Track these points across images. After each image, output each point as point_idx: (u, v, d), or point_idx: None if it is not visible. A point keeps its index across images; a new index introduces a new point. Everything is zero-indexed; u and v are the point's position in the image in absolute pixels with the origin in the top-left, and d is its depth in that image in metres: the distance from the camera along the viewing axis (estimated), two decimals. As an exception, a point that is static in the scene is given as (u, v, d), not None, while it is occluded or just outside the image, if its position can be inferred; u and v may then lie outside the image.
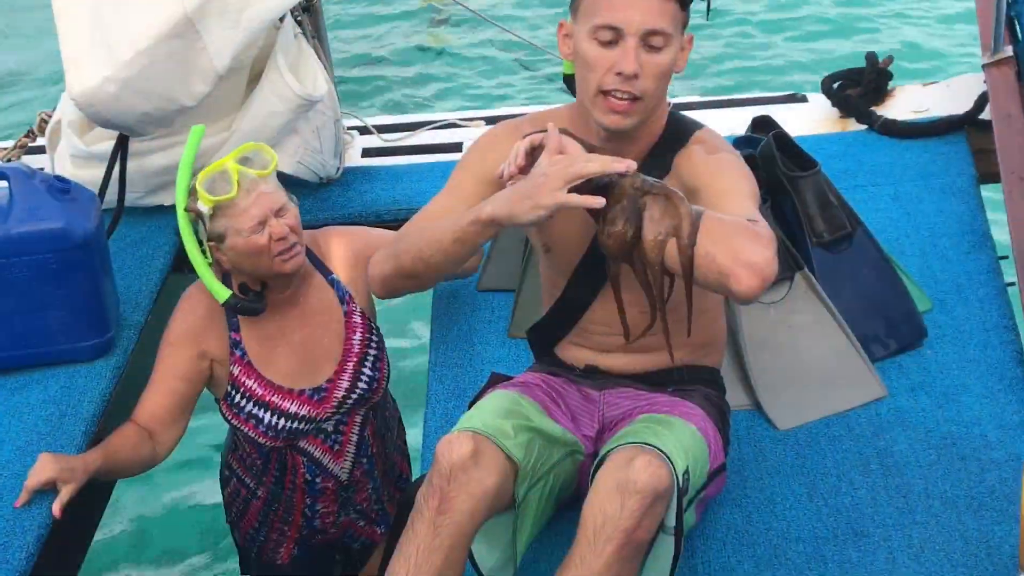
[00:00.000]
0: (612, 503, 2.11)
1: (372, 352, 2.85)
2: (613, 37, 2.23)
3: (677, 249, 2.09)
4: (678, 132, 2.40)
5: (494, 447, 2.26)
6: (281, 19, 3.38)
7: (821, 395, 2.79)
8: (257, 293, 2.73)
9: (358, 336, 2.83)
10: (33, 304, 2.94)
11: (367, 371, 2.84)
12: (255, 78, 3.48)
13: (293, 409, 2.80)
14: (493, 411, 2.38)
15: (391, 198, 3.67)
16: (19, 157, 3.89)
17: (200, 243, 2.67)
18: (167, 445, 2.80)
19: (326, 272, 2.82)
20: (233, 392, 2.80)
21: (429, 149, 3.93)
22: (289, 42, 3.44)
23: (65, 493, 2.58)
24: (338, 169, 3.74)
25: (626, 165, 2.12)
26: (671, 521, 2.19)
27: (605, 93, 2.28)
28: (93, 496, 2.89)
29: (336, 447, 2.88)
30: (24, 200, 2.91)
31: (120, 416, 2.82)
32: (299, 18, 3.55)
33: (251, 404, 2.79)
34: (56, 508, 2.57)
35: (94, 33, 3.16)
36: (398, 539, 2.27)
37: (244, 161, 2.63)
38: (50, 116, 3.80)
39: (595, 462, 2.27)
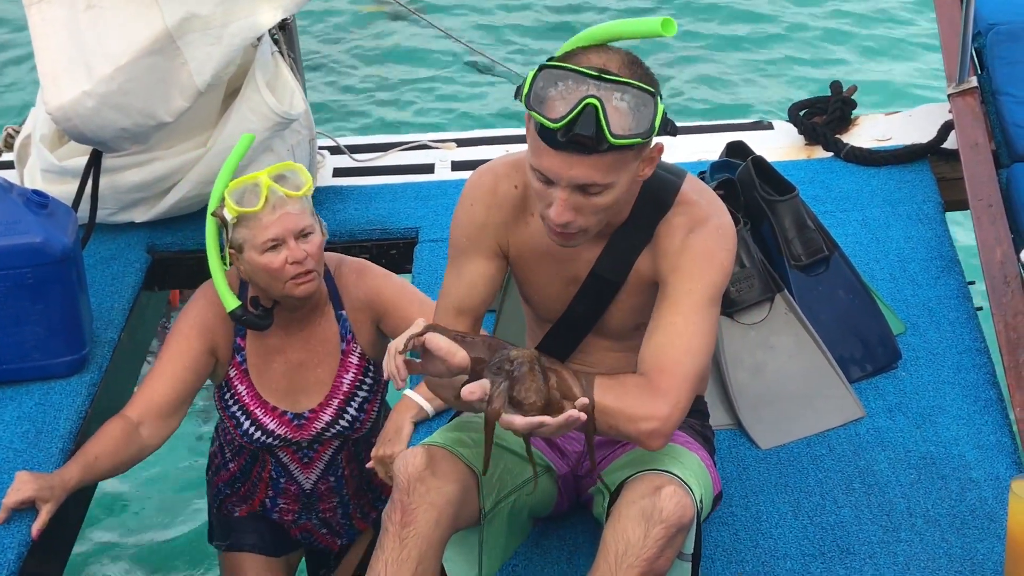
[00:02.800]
0: (636, 530, 2.12)
1: (362, 394, 2.87)
2: (547, 180, 2.09)
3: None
4: (660, 193, 2.24)
5: (450, 456, 2.26)
6: (259, 37, 3.37)
7: (801, 415, 2.82)
8: (266, 310, 2.75)
9: (350, 376, 2.85)
10: (9, 319, 2.91)
11: (352, 411, 2.86)
12: (230, 95, 3.47)
13: (271, 426, 2.83)
14: (452, 426, 2.40)
15: (365, 218, 3.67)
16: (-17, 172, 3.84)
17: (222, 248, 2.69)
18: (160, 437, 2.79)
19: (338, 305, 2.82)
20: (224, 389, 2.85)
21: (400, 170, 3.93)
22: (267, 60, 3.44)
23: (44, 514, 2.56)
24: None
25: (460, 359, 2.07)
26: (689, 548, 2.21)
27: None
28: (70, 512, 2.84)
29: (306, 460, 2.92)
30: (1, 214, 2.87)
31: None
32: (276, 36, 3.55)
33: (236, 407, 2.84)
34: (35, 530, 2.54)
35: (72, 48, 3.14)
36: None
37: (279, 178, 2.64)
38: (17, 131, 3.75)
39: (607, 487, 2.28)
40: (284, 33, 3.63)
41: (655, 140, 2.12)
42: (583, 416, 2.06)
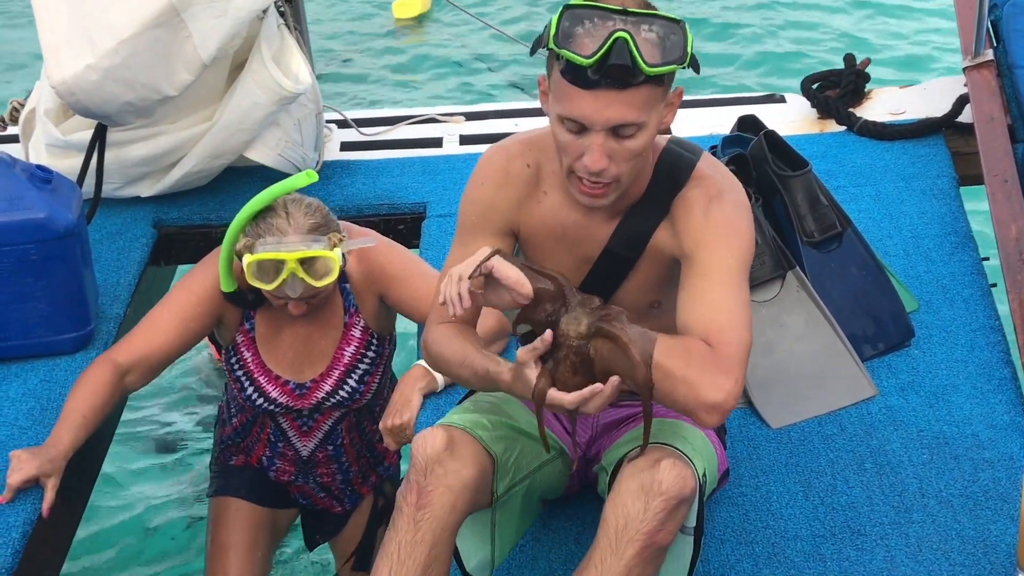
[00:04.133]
0: (636, 504, 2.08)
1: (363, 366, 2.85)
2: (579, 128, 2.08)
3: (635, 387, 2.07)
4: (675, 170, 2.24)
5: (470, 439, 2.23)
6: (264, 9, 3.33)
7: (813, 394, 2.79)
8: (260, 298, 2.75)
9: (351, 348, 2.84)
10: (13, 296, 2.89)
11: (352, 382, 2.85)
12: (236, 69, 3.44)
13: (273, 394, 2.85)
14: (471, 407, 2.37)
15: (372, 192, 3.63)
16: (-12, 146, 3.82)
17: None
18: (142, 385, 2.80)
19: (342, 278, 2.80)
20: (231, 353, 2.85)
21: (408, 144, 3.90)
22: (272, 33, 3.40)
23: (50, 490, 2.56)
24: (317, 163, 3.70)
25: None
26: (691, 522, 2.18)
27: (578, 176, 2.14)
28: (73, 491, 2.83)
29: (305, 429, 2.93)
30: (5, 190, 2.84)
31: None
32: (282, 9, 3.51)
33: (240, 372, 2.85)
34: (45, 508, 2.54)
35: (74, 21, 3.11)
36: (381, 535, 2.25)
37: (306, 262, 2.60)
38: (22, 104, 3.72)
39: (608, 464, 2.25)
40: (290, 6, 3.60)
41: (676, 85, 2.12)
42: (620, 384, 2.05)
